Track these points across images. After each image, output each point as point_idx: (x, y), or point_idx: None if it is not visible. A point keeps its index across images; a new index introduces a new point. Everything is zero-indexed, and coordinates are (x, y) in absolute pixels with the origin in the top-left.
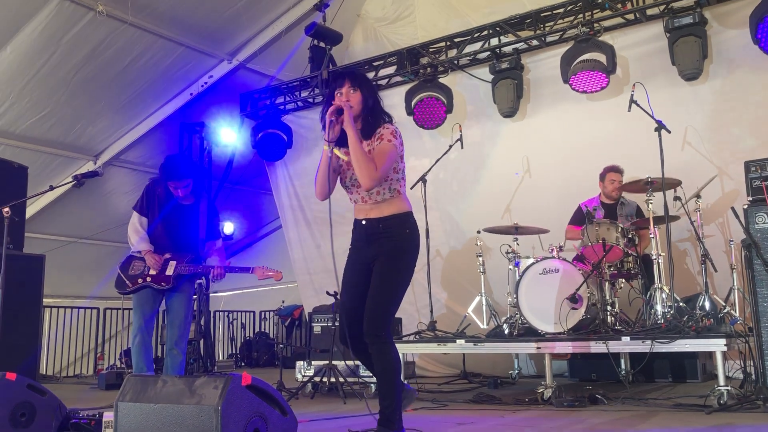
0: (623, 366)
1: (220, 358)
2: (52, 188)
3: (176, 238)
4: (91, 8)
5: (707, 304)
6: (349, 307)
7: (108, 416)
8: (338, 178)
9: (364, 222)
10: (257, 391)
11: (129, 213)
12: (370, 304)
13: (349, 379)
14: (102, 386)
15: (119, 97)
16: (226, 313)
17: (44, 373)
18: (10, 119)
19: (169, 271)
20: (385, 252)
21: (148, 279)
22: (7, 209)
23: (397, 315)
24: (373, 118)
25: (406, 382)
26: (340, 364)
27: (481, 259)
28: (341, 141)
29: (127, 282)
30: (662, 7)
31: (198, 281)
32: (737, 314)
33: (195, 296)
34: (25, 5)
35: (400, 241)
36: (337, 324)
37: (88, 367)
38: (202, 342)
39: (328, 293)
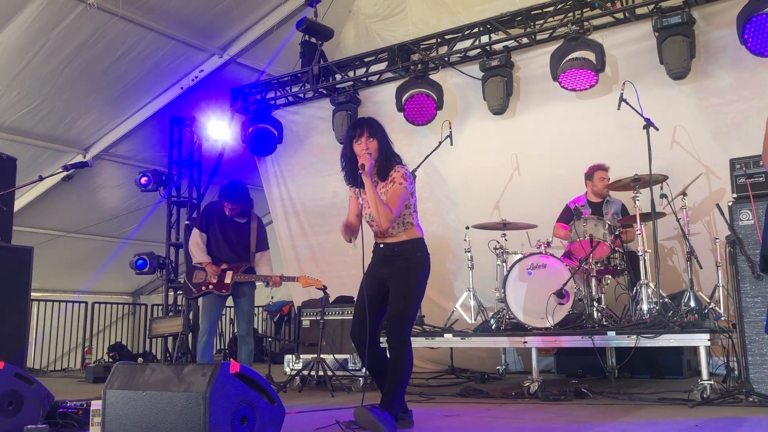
0: (609, 362)
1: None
2: (41, 178)
3: (233, 250)
4: (82, 0)
5: (692, 301)
6: (359, 315)
7: (96, 405)
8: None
9: (381, 245)
10: (245, 380)
11: (118, 206)
12: (393, 314)
13: (338, 373)
14: (90, 379)
15: (109, 91)
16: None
17: (32, 366)
18: None
19: (227, 280)
20: (400, 269)
21: (210, 287)
22: None
23: None
24: (386, 161)
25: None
26: (328, 357)
27: (469, 254)
28: (359, 184)
29: (193, 289)
30: (651, 7)
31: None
32: (722, 311)
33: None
34: None
35: (413, 261)
36: (325, 318)
37: (75, 361)
38: (190, 336)
39: (318, 289)
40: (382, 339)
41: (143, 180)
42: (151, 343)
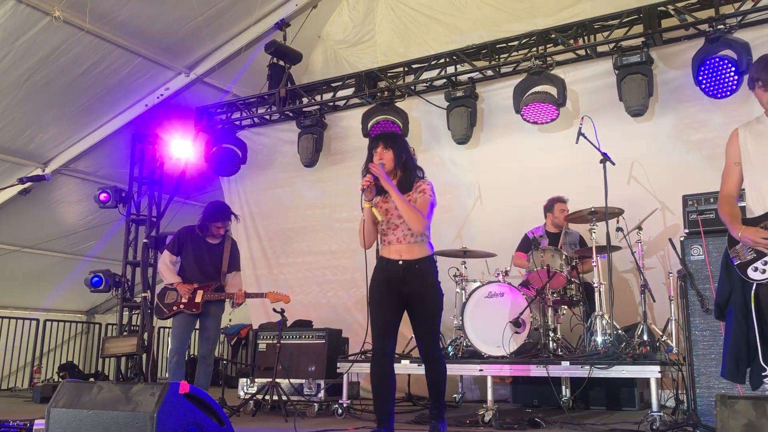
0: (564, 392)
1: (164, 375)
2: None
3: (204, 271)
4: (47, 13)
5: (645, 333)
6: (381, 330)
7: (39, 424)
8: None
9: (401, 262)
10: (195, 400)
11: (76, 222)
12: (429, 330)
13: (293, 398)
14: (36, 399)
15: (72, 105)
16: (171, 329)
17: None
18: None
19: (198, 299)
20: (425, 287)
21: (182, 306)
22: None
23: (344, 335)
24: (405, 172)
25: (347, 402)
26: (284, 382)
27: None
28: (382, 190)
29: (164, 309)
30: (612, 45)
31: (143, 294)
32: (673, 344)
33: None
34: None
35: (433, 278)
36: (282, 342)
37: (23, 380)
38: (144, 357)
39: (275, 310)
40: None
41: (102, 196)
42: (104, 363)
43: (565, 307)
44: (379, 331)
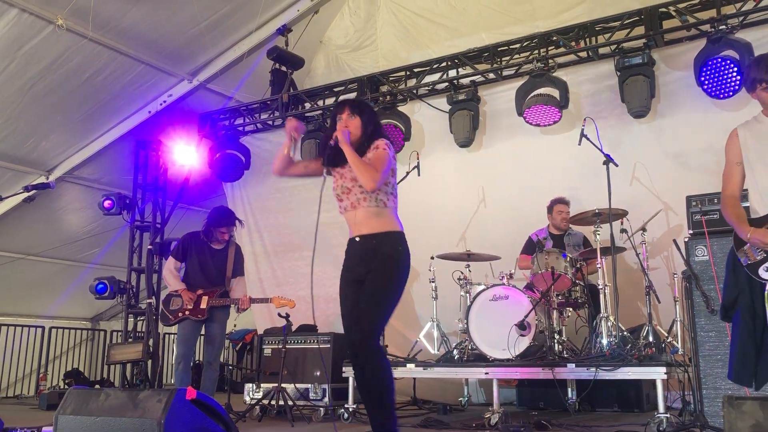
0: (570, 395)
1: (170, 381)
2: (1, 199)
3: (208, 277)
4: (51, 21)
5: (650, 335)
6: (347, 324)
7: (47, 431)
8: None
9: (358, 239)
10: (202, 407)
11: (80, 230)
12: (359, 315)
13: (299, 403)
14: (43, 406)
15: (75, 112)
16: (176, 336)
17: None
18: None
19: (203, 305)
20: (378, 266)
21: (187, 312)
22: None
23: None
24: (367, 141)
25: (353, 406)
26: (289, 387)
27: (433, 284)
28: (337, 161)
29: (170, 316)
30: (613, 47)
31: (148, 301)
32: (679, 345)
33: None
34: None
35: (393, 257)
36: (287, 347)
37: (29, 387)
38: (149, 363)
39: (279, 315)
40: None
41: (107, 203)
42: (109, 369)
43: (570, 309)
44: (347, 329)
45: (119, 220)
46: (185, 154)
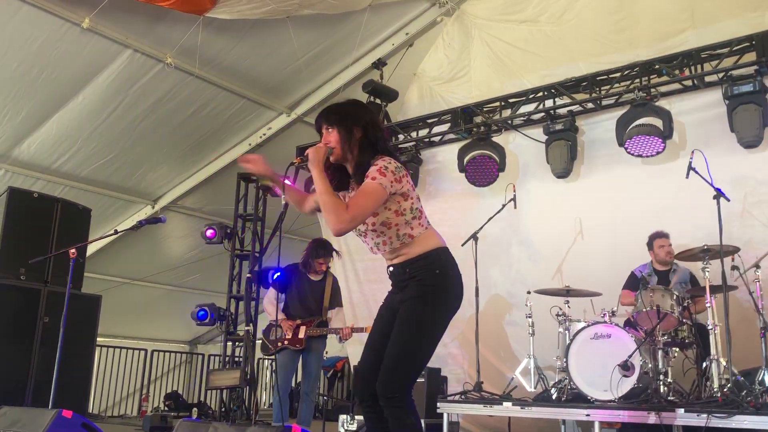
0: None
1: (265, 406)
2: (116, 232)
3: (307, 308)
4: (160, 60)
5: (767, 379)
6: (362, 362)
7: None
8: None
9: (391, 269)
10: None
11: (182, 257)
12: (385, 359)
13: None
14: (146, 428)
15: (181, 145)
16: (271, 362)
17: (90, 411)
18: (77, 162)
19: (301, 335)
20: (410, 297)
21: (286, 342)
22: (73, 250)
23: (442, 373)
24: (362, 152)
25: None
26: None
27: (530, 320)
28: (339, 187)
29: (270, 346)
30: (721, 75)
31: (246, 328)
32: None
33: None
34: (101, 55)
35: (429, 285)
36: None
37: (132, 407)
38: (246, 389)
39: None
40: None
41: (209, 233)
42: (206, 393)
43: (677, 349)
44: (360, 366)
45: (218, 247)
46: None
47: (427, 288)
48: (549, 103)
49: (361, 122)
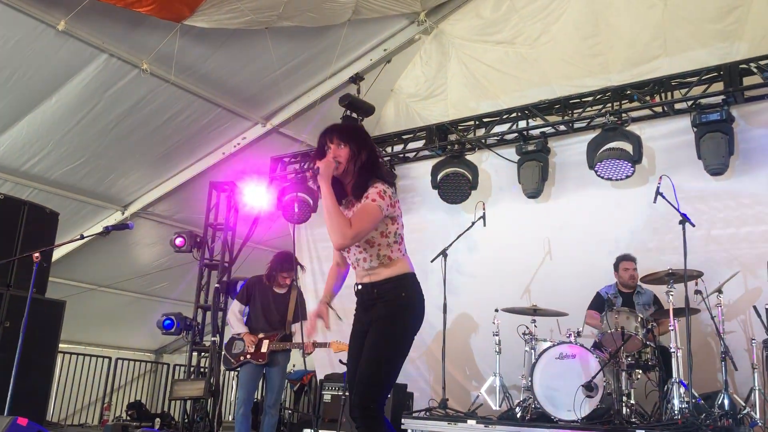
0: None
1: (229, 419)
2: (83, 237)
3: (270, 321)
4: (136, 66)
5: (726, 403)
6: (350, 380)
7: None
8: None
9: (360, 287)
10: None
11: (150, 264)
12: (359, 373)
13: None
14: None
15: (153, 152)
16: (236, 373)
17: (49, 419)
18: (46, 165)
19: (264, 349)
20: (379, 317)
21: (248, 356)
22: (37, 254)
23: (408, 389)
24: (361, 175)
25: None
26: None
27: (497, 338)
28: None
29: (232, 360)
30: (690, 103)
31: (213, 338)
32: (757, 416)
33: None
34: (76, 58)
35: (395, 306)
36: (347, 394)
37: (94, 416)
38: (210, 400)
39: (341, 362)
40: None
41: (178, 241)
42: (170, 403)
43: (640, 371)
44: (350, 383)
45: (188, 256)
46: (256, 196)
47: (395, 309)
48: (522, 123)
49: (368, 147)
